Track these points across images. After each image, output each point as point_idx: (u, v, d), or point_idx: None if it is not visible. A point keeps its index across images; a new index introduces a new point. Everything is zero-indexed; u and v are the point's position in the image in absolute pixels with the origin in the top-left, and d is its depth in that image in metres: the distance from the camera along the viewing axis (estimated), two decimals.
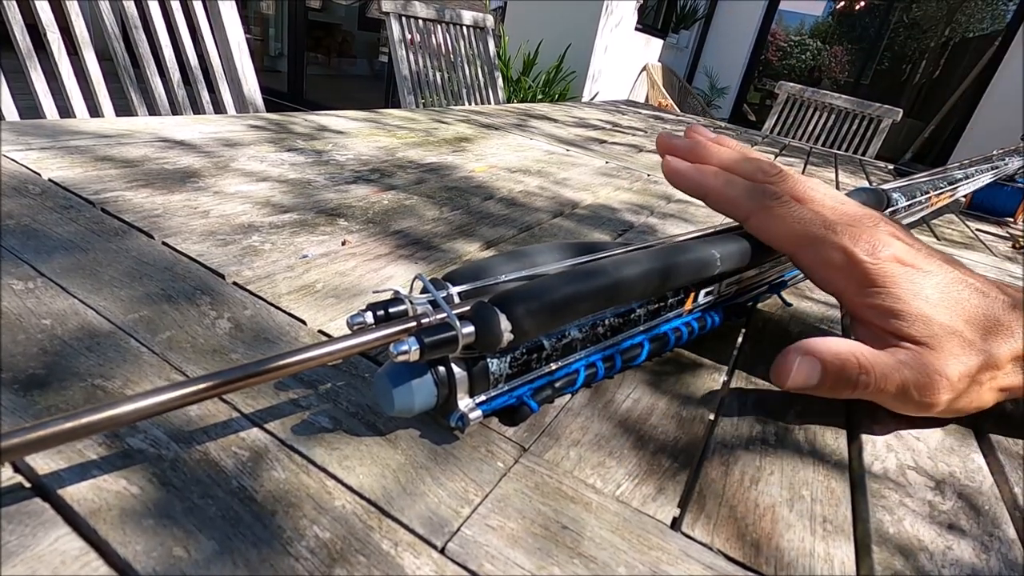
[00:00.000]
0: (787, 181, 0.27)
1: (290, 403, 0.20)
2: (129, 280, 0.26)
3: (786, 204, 0.26)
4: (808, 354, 0.23)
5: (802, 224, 0.25)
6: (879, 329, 0.24)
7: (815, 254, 0.25)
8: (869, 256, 0.24)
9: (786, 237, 0.26)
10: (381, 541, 0.16)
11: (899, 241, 0.25)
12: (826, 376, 0.23)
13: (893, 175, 1.20)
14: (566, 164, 0.70)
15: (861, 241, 0.25)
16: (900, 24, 7.06)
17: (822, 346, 0.23)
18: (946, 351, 0.23)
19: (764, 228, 0.27)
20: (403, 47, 1.25)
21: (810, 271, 0.27)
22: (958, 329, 0.23)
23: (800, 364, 0.23)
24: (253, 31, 4.03)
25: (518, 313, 0.18)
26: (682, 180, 0.28)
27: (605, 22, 3.26)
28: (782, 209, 0.26)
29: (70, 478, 0.16)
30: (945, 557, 0.18)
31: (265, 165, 0.48)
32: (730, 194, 0.27)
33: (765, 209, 0.26)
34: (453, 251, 0.37)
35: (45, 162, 0.39)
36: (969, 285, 0.24)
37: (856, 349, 0.23)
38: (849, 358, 0.23)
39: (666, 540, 0.17)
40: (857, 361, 0.23)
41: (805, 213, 0.26)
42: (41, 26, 0.71)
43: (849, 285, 0.25)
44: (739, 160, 0.28)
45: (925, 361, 0.23)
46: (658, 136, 0.29)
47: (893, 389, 0.23)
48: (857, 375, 0.23)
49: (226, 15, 0.88)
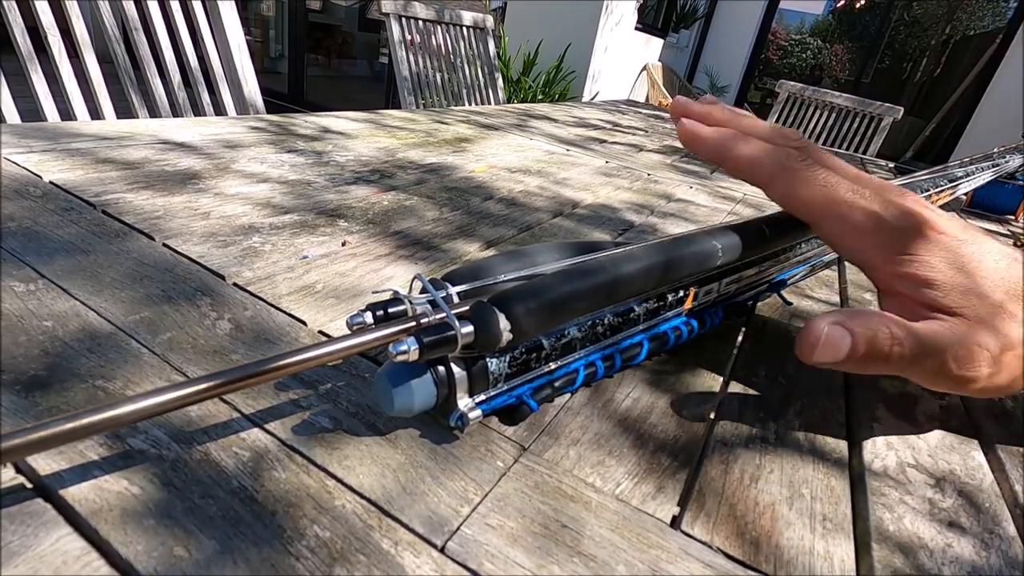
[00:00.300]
0: (811, 147, 0.26)
1: (290, 403, 0.20)
2: (130, 282, 0.26)
3: (812, 167, 0.25)
4: (837, 324, 0.21)
5: (829, 188, 0.24)
6: (911, 301, 0.23)
7: (843, 220, 0.24)
8: (899, 222, 0.23)
9: (813, 201, 0.25)
10: (381, 540, 0.16)
11: (929, 210, 0.24)
12: (856, 348, 0.21)
13: (894, 173, 1.19)
14: (566, 164, 0.70)
15: (891, 205, 0.23)
16: (901, 22, 7.05)
17: (851, 316, 0.21)
18: (985, 322, 0.21)
19: (789, 192, 0.25)
20: (403, 48, 1.25)
21: (837, 239, 0.25)
22: (997, 299, 0.22)
23: (828, 335, 0.21)
24: (253, 33, 4.04)
25: (517, 312, 0.19)
26: (700, 143, 0.26)
27: (605, 22, 3.25)
28: (808, 172, 0.25)
29: (71, 478, 0.16)
30: (945, 555, 0.18)
31: (265, 166, 0.48)
32: (753, 155, 0.25)
33: (790, 171, 0.25)
34: (453, 251, 0.37)
35: (46, 164, 0.39)
36: (1007, 255, 0.23)
37: (888, 319, 0.21)
38: (881, 327, 0.21)
39: (666, 538, 0.17)
40: (890, 331, 0.21)
41: (831, 178, 0.24)
42: (42, 28, 0.71)
43: (878, 253, 0.24)
44: (759, 124, 0.27)
45: (964, 331, 0.21)
46: (673, 100, 0.28)
47: (930, 362, 0.21)
48: (890, 346, 0.21)
49: (226, 17, 0.88)
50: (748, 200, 0.66)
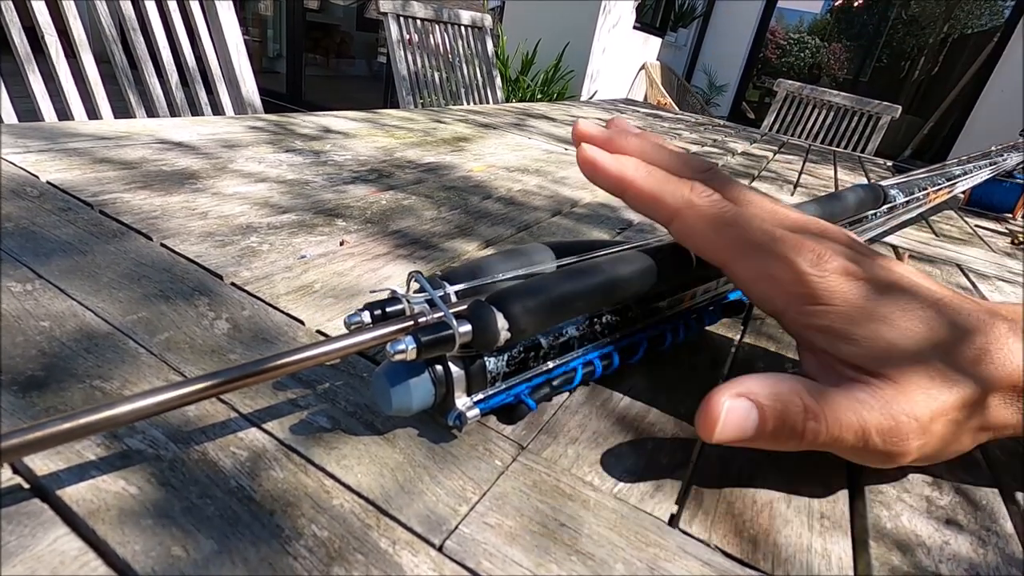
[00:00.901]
0: (719, 178, 0.23)
1: (288, 403, 0.20)
2: (127, 282, 0.26)
3: (718, 204, 0.22)
4: (740, 396, 0.18)
5: (736, 228, 0.21)
6: (830, 358, 0.20)
7: (751, 264, 0.21)
8: (814, 268, 0.20)
9: (717, 243, 0.22)
10: (379, 539, 0.16)
11: (851, 251, 0.21)
12: (764, 424, 0.18)
13: (892, 172, 1.20)
14: (565, 163, 0.70)
15: (804, 250, 0.20)
16: (899, 21, 7.06)
17: (757, 386, 0.18)
18: (913, 385, 0.18)
19: (691, 231, 0.22)
20: (401, 47, 1.25)
21: (746, 285, 0.22)
22: (926, 356, 0.19)
23: (730, 411, 0.18)
24: (251, 32, 4.03)
25: (515, 311, 0.19)
26: (598, 172, 0.23)
27: (603, 21, 3.26)
28: (713, 209, 0.22)
29: (69, 479, 0.16)
30: (943, 552, 0.19)
31: (263, 166, 0.48)
32: (653, 189, 0.23)
33: (693, 208, 0.22)
34: (451, 250, 0.37)
35: (43, 164, 0.39)
36: (937, 301, 0.20)
37: (802, 387, 0.19)
38: (792, 399, 0.18)
39: (664, 537, 0.17)
40: (803, 403, 0.18)
41: (741, 216, 0.22)
42: (39, 29, 0.71)
43: (791, 303, 0.21)
44: (665, 153, 0.24)
45: (887, 398, 0.18)
46: (574, 126, 0.25)
47: (851, 437, 0.18)
48: (804, 422, 0.18)
49: (224, 16, 0.88)
50: None
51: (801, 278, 0.20)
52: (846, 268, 0.20)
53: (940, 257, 0.56)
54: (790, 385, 0.19)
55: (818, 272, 0.20)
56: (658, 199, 0.23)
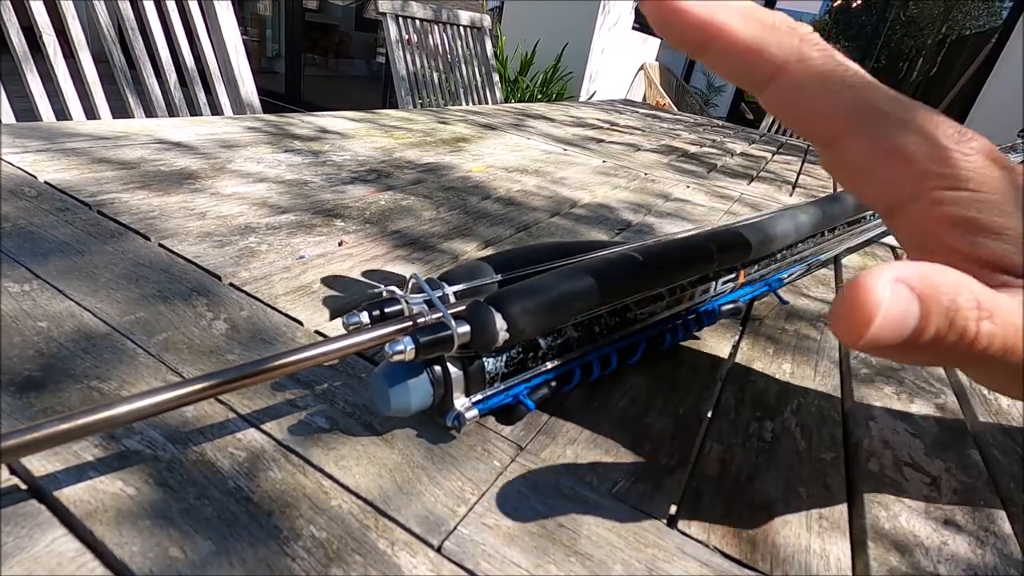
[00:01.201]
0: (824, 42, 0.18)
1: (287, 403, 0.20)
2: (125, 282, 0.26)
3: (835, 58, 0.18)
4: (899, 282, 0.13)
5: (859, 90, 0.17)
6: (964, 259, 0.16)
7: (875, 137, 0.17)
8: (958, 144, 0.16)
9: (833, 108, 0.17)
10: (378, 540, 0.16)
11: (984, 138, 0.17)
12: (927, 321, 0.14)
13: None
14: (564, 163, 0.70)
15: (944, 123, 0.16)
16: (897, 22, 7.07)
17: (918, 271, 0.14)
18: None
19: (799, 92, 0.18)
20: (400, 47, 1.25)
21: (864, 165, 0.17)
22: None
23: (891, 298, 0.13)
24: (250, 32, 4.03)
25: (513, 312, 0.19)
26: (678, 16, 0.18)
27: (602, 21, 3.26)
28: (831, 63, 0.17)
29: (66, 480, 0.16)
30: (941, 553, 0.19)
31: (262, 166, 0.48)
32: (754, 36, 0.18)
33: (804, 62, 0.17)
34: (450, 251, 0.37)
35: (41, 164, 0.39)
36: None
37: (970, 280, 0.15)
38: (963, 292, 0.14)
39: (662, 537, 0.17)
40: (975, 297, 0.14)
41: (864, 76, 0.17)
42: (37, 29, 0.71)
43: (926, 186, 0.17)
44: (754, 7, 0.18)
45: None
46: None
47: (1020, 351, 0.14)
48: (977, 318, 0.14)
49: (222, 16, 0.88)
50: (745, 199, 0.66)
51: (944, 153, 0.16)
52: (991, 151, 0.17)
53: None
54: (957, 276, 0.14)
55: (963, 149, 0.16)
56: (759, 50, 0.18)
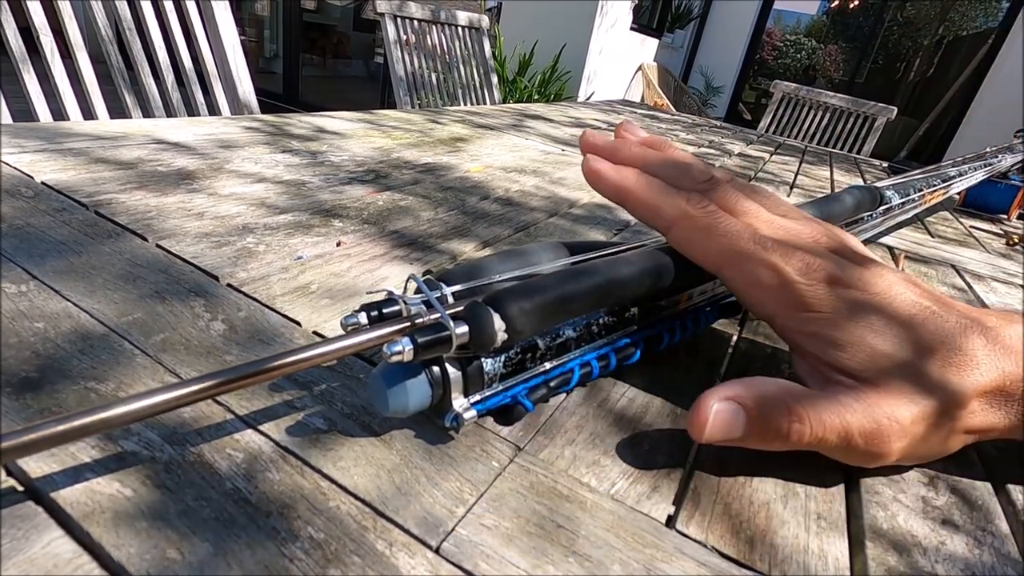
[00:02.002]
0: (718, 189, 0.24)
1: (284, 404, 0.20)
2: (123, 283, 0.26)
3: (713, 215, 0.23)
4: (728, 400, 0.19)
5: (728, 238, 0.22)
6: (818, 362, 0.21)
7: (742, 272, 0.22)
8: (802, 276, 0.21)
9: (710, 252, 0.23)
10: (376, 541, 0.16)
11: (844, 258, 0.22)
12: (751, 426, 0.19)
13: (887, 173, 1.20)
14: (562, 164, 0.70)
15: (794, 259, 0.21)
16: (894, 22, 7.09)
17: (744, 390, 0.20)
18: (896, 389, 0.19)
19: (687, 241, 0.23)
20: (398, 48, 1.25)
21: (738, 292, 0.23)
22: (909, 361, 0.19)
23: (718, 413, 0.19)
24: (248, 32, 4.02)
25: (512, 312, 0.19)
26: (600, 182, 0.25)
27: (600, 22, 3.26)
28: (708, 220, 0.23)
29: (63, 481, 0.16)
30: (939, 552, 0.19)
31: (260, 167, 0.48)
32: (651, 200, 0.24)
33: (688, 219, 0.23)
34: (449, 251, 0.37)
35: (38, 165, 0.39)
36: (923, 307, 0.21)
37: (788, 391, 0.20)
38: (778, 403, 0.19)
39: (661, 538, 0.17)
40: (788, 407, 0.19)
41: (733, 226, 0.23)
42: (34, 29, 0.70)
43: (781, 309, 0.22)
44: (665, 162, 0.25)
45: (871, 402, 0.19)
46: (582, 134, 0.27)
47: (834, 438, 0.19)
48: (788, 424, 0.19)
49: (220, 17, 0.88)
50: None
51: (789, 286, 0.21)
52: (835, 276, 0.21)
53: (935, 258, 0.56)
54: (776, 389, 0.20)
55: (806, 280, 0.21)
56: (656, 210, 0.24)
